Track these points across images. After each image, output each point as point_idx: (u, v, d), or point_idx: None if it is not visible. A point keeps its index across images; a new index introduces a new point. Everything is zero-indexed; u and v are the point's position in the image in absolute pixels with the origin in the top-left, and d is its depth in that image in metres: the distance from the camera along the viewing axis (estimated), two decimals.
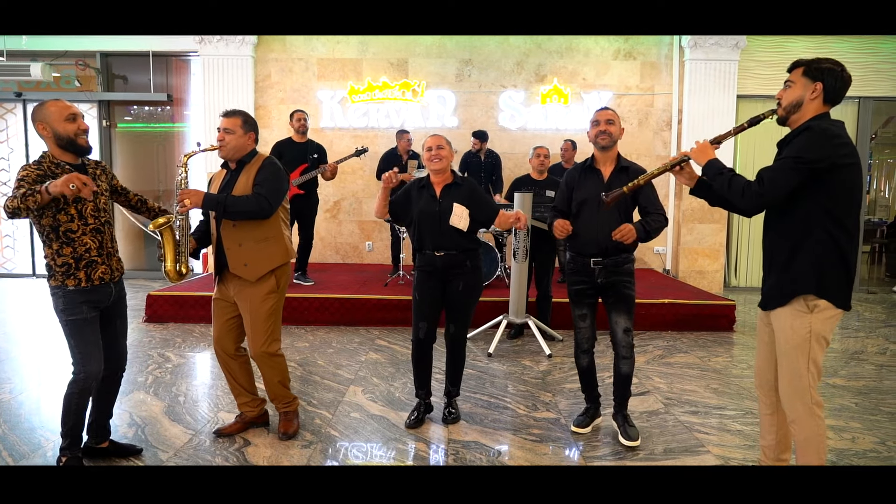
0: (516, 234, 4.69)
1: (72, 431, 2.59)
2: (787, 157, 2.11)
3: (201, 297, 5.48)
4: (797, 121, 2.21)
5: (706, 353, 4.76)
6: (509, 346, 4.80)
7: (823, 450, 2.22)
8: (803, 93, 2.17)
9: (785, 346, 2.22)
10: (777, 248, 2.24)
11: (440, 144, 3.07)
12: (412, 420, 3.23)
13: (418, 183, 3.19)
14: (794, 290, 2.18)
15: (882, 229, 9.27)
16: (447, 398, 3.34)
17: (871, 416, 3.47)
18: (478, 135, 6.55)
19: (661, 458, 2.90)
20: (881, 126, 8.31)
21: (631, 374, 3.05)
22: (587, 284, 3.02)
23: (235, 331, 3.01)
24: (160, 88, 7.71)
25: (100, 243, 2.57)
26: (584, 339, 3.11)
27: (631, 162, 3.04)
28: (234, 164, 2.93)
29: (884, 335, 5.43)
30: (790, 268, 2.19)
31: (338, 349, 4.68)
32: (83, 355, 2.54)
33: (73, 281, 2.50)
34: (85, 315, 2.52)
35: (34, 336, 5.01)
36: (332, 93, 7.45)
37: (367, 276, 6.66)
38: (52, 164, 2.51)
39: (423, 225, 3.11)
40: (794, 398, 2.21)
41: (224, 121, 2.86)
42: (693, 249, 7.32)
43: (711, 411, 3.50)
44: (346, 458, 2.87)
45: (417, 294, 3.18)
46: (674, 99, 7.38)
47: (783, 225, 2.22)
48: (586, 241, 2.99)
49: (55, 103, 2.51)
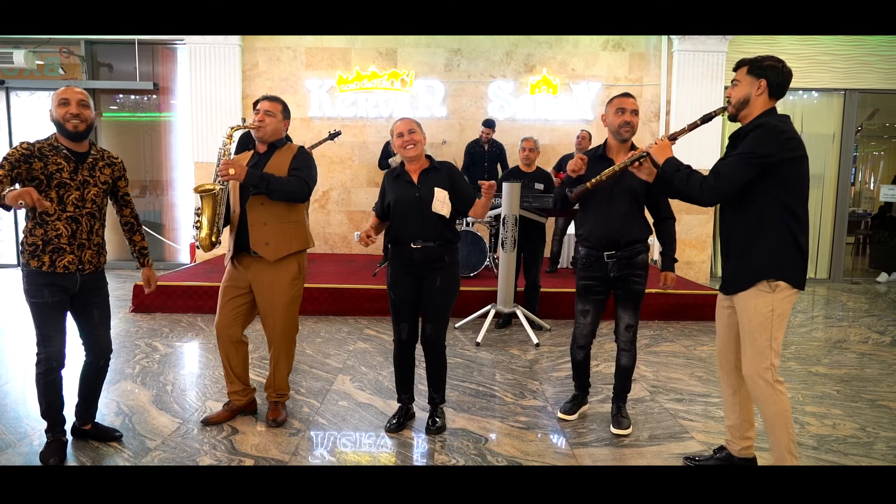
0: (504, 223, 4.70)
1: (48, 413, 2.63)
2: (741, 153, 2.25)
3: (188, 288, 5.46)
4: (747, 116, 2.35)
5: (692, 341, 4.81)
6: (497, 336, 4.83)
7: (790, 424, 2.34)
8: (749, 90, 2.31)
9: (749, 325, 2.34)
10: (736, 237, 2.38)
11: (412, 128, 2.85)
12: (392, 425, 3.04)
13: (391, 173, 2.99)
14: (756, 275, 2.32)
15: (866, 221, 9.38)
16: (431, 406, 3.10)
17: (853, 402, 3.52)
18: (488, 123, 6.57)
19: (646, 444, 2.94)
20: (867, 118, 8.39)
21: (631, 368, 3.05)
22: (597, 281, 2.97)
23: (244, 317, 3.04)
24: (146, 77, 7.63)
25: (73, 232, 2.54)
26: (582, 335, 3.08)
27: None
28: (265, 146, 2.95)
29: (866, 325, 5.51)
30: (750, 254, 2.33)
31: (326, 339, 4.69)
32: (42, 337, 2.56)
33: (37, 262, 2.50)
34: (46, 299, 2.52)
35: (19, 326, 4.97)
36: (320, 82, 7.41)
37: (356, 266, 6.66)
38: (51, 146, 2.50)
39: (401, 214, 2.88)
40: (756, 377, 2.34)
41: (267, 104, 2.92)
42: (680, 240, 7.36)
43: (696, 399, 3.55)
44: (335, 447, 2.88)
45: (393, 294, 2.97)
46: (662, 90, 7.40)
47: (740, 215, 2.35)
48: (597, 235, 2.91)
49: (63, 89, 2.52)
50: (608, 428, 3.08)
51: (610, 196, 2.88)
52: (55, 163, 2.49)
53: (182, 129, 7.72)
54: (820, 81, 7.41)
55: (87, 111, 2.53)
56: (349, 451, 2.83)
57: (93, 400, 2.81)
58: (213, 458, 2.71)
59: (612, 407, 3.13)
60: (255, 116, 2.91)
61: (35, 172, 2.44)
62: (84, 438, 2.82)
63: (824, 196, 7.73)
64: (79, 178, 2.54)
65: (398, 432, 3.03)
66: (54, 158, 2.49)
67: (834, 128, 7.66)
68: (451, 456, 2.78)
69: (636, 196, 2.89)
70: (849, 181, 7.74)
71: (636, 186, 2.86)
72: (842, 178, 7.68)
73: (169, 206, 7.99)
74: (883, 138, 9.75)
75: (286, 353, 3.08)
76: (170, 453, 2.75)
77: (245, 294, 2.99)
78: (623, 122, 2.86)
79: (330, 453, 2.80)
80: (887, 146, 9.85)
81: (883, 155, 9.96)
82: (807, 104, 7.71)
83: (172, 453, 2.75)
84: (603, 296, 3.02)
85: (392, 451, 2.85)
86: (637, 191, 2.88)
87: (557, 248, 6.63)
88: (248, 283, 2.97)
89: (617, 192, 2.88)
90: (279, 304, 2.96)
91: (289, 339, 3.07)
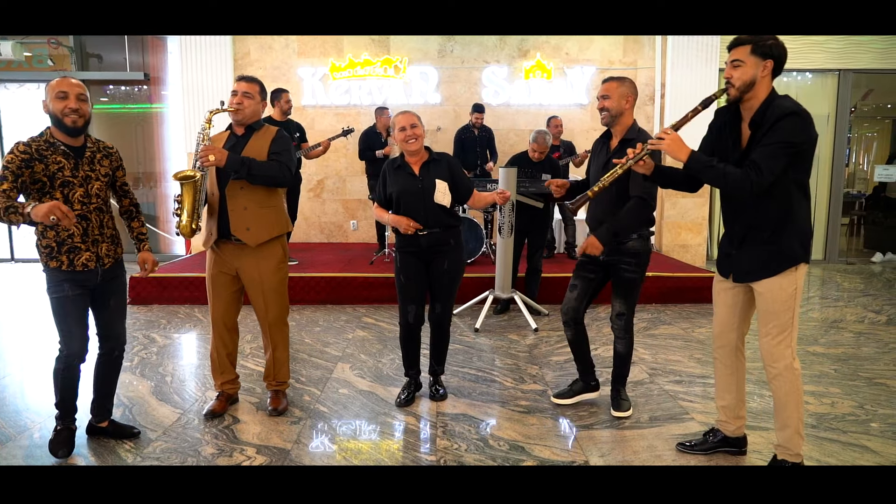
0: (501, 209, 4.69)
1: (62, 404, 2.63)
2: (777, 143, 2.14)
3: (185, 279, 5.43)
4: (751, 98, 2.25)
5: (689, 324, 4.82)
6: (495, 322, 4.83)
7: (802, 404, 2.35)
8: (755, 71, 2.21)
9: (774, 305, 2.31)
10: (764, 224, 2.30)
11: (413, 123, 2.93)
12: (403, 399, 3.20)
13: (392, 164, 3.07)
14: (789, 261, 2.28)
15: (860, 202, 9.39)
16: (433, 377, 3.32)
17: (850, 381, 3.55)
18: (478, 108, 6.57)
19: (647, 425, 2.95)
20: (861, 99, 8.38)
21: (626, 355, 3.04)
22: (588, 257, 2.97)
23: (236, 304, 3.06)
24: (136, 67, 7.55)
25: (84, 230, 2.50)
26: (565, 309, 3.06)
27: (640, 132, 2.86)
28: (243, 129, 2.92)
29: (862, 304, 5.53)
30: (780, 240, 2.28)
31: (324, 327, 4.68)
32: (64, 332, 2.54)
33: (56, 263, 2.47)
34: (67, 293, 2.49)
35: (14, 320, 4.95)
36: (313, 70, 7.35)
37: (352, 254, 6.64)
38: (47, 143, 2.44)
39: (405, 205, 3.00)
40: (778, 355, 2.33)
41: (244, 84, 2.86)
42: (676, 224, 7.38)
43: (695, 380, 3.56)
44: (337, 434, 2.88)
45: (402, 277, 3.09)
46: (657, 73, 7.37)
47: (769, 202, 2.26)
48: (592, 218, 2.96)
49: (57, 80, 2.44)
50: (609, 411, 3.09)
51: (596, 180, 2.85)
52: (55, 162, 2.42)
53: (174, 120, 7.65)
54: (814, 62, 7.39)
55: (85, 105, 2.46)
56: (351, 439, 2.84)
57: (109, 394, 2.78)
58: (216, 447, 2.71)
59: (612, 390, 3.14)
60: (233, 99, 2.85)
61: (38, 175, 2.39)
62: (100, 436, 2.78)
63: (819, 177, 7.73)
64: (81, 175, 2.49)
65: (408, 406, 3.18)
66: (54, 157, 2.42)
67: (828, 108, 7.65)
68: (453, 441, 2.78)
69: (621, 183, 2.80)
70: (843, 162, 7.74)
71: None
72: (836, 160, 7.69)
73: (163, 197, 7.94)
74: (876, 119, 9.75)
75: (283, 339, 3.09)
76: (172, 443, 2.74)
77: (234, 279, 2.98)
78: (598, 109, 2.89)
79: (332, 441, 2.81)
80: (881, 127, 9.86)
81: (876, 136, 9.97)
82: (801, 85, 7.70)
83: (174, 443, 2.74)
84: (593, 275, 3.00)
85: (395, 438, 2.85)
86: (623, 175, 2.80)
87: (551, 233, 6.63)
88: (235, 269, 2.96)
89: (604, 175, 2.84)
90: (269, 289, 2.97)
91: (283, 323, 3.08)
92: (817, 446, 2.73)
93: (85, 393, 2.73)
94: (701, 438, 2.72)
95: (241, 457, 2.63)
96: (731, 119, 2.36)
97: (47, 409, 3.07)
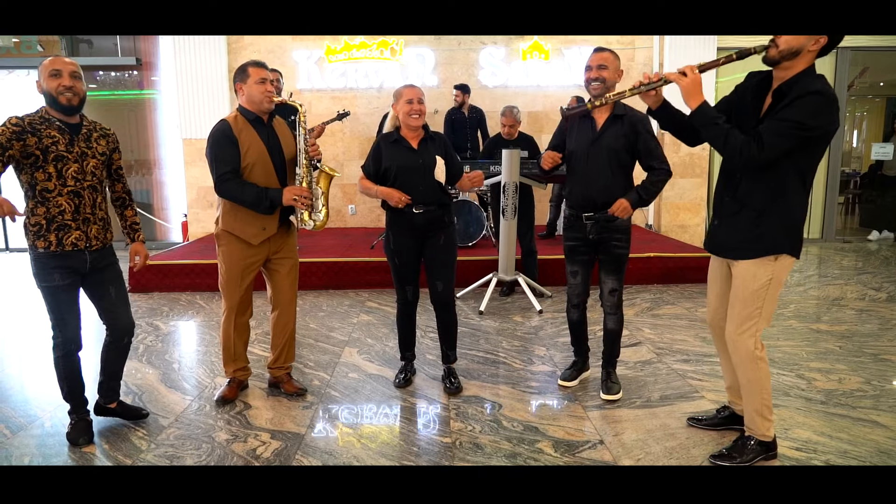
0: (504, 191, 4.67)
1: (70, 396, 2.62)
2: (789, 121, 2.04)
3: (185, 266, 5.40)
4: (787, 68, 2.12)
5: (692, 303, 4.84)
6: (499, 304, 4.83)
7: (766, 391, 2.33)
8: (806, 42, 2.06)
9: (743, 292, 2.27)
10: (752, 204, 2.22)
11: (420, 98, 2.90)
12: (401, 380, 3.22)
13: (387, 137, 3.00)
14: (768, 247, 2.22)
15: (855, 181, 9.44)
16: (446, 365, 3.24)
17: (855, 357, 3.57)
18: (461, 87, 6.49)
19: (658, 404, 2.97)
20: (856, 76, 8.38)
21: (618, 332, 3.03)
22: (580, 241, 2.95)
23: (251, 290, 3.06)
24: (128, 52, 7.44)
25: (76, 207, 2.45)
26: (574, 294, 3.08)
27: (628, 109, 2.81)
28: (267, 116, 2.91)
29: (862, 282, 5.57)
30: (765, 224, 2.21)
31: (328, 312, 4.67)
32: (57, 321, 2.51)
33: (43, 243, 2.41)
34: (57, 283, 2.45)
35: (10, 310, 4.90)
36: (308, 53, 7.26)
37: (352, 239, 6.61)
38: (42, 118, 2.39)
39: (403, 180, 2.94)
40: (739, 343, 2.31)
41: (269, 72, 2.89)
42: (675, 204, 7.39)
43: (702, 359, 3.58)
44: (350, 418, 2.87)
45: (397, 259, 3.06)
46: (654, 53, 7.34)
47: (761, 183, 2.19)
48: (577, 196, 2.90)
49: (50, 59, 2.40)
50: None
51: (587, 155, 2.82)
52: (49, 136, 2.37)
53: (167, 106, 7.55)
54: None
55: (79, 83, 2.42)
56: (365, 423, 2.83)
57: (116, 376, 2.77)
58: (229, 433, 2.70)
59: (602, 373, 3.11)
60: (266, 86, 2.80)
61: (30, 149, 2.34)
62: (108, 416, 2.77)
63: None
64: (76, 150, 2.44)
65: (406, 388, 3.20)
66: (48, 131, 2.37)
67: None
68: (467, 423, 2.79)
69: (616, 155, 2.79)
70: (841, 141, 7.76)
71: (615, 145, 2.77)
72: (834, 138, 7.69)
73: (158, 184, 7.87)
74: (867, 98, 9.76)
75: (295, 317, 3.16)
76: (185, 430, 2.73)
77: (257, 270, 3.00)
78: (588, 79, 2.77)
79: (347, 425, 2.80)
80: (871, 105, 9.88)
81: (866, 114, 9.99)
82: None
83: (188, 430, 2.73)
84: (587, 256, 2.99)
85: (408, 421, 2.85)
86: (616, 149, 2.78)
87: (555, 213, 6.61)
88: (267, 256, 2.96)
89: (594, 150, 2.81)
90: (295, 263, 3.08)
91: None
92: (828, 422, 2.75)
93: (90, 379, 2.72)
94: (712, 413, 2.75)
95: (256, 442, 2.62)
96: (760, 83, 2.24)
97: (53, 398, 3.05)
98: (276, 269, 3.01)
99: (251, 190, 2.75)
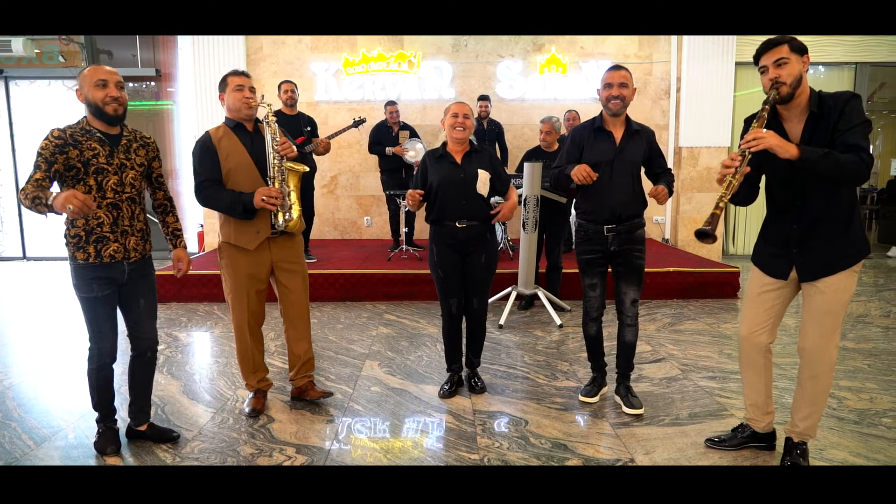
0: (526, 204, 4.64)
1: (100, 405, 2.61)
2: (861, 123, 2.14)
3: (203, 277, 5.40)
4: (801, 93, 2.24)
5: (714, 319, 4.78)
6: (518, 318, 4.79)
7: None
8: (799, 66, 2.22)
9: (835, 304, 2.28)
10: (829, 219, 2.25)
11: (466, 113, 3.01)
12: (447, 391, 3.23)
13: (433, 153, 3.11)
14: (857, 251, 2.27)
15: (872, 196, 9.36)
16: (470, 369, 3.34)
17: (885, 376, 3.51)
18: (485, 98, 6.52)
19: (687, 422, 2.92)
20: (877, 89, 8.33)
21: (634, 343, 3.03)
22: (598, 253, 2.95)
23: (264, 301, 3.02)
24: (147, 63, 7.50)
25: (114, 219, 2.45)
26: (594, 307, 3.07)
27: (640, 125, 2.95)
28: (252, 124, 2.91)
29: (885, 299, 5.49)
30: (848, 235, 2.25)
31: (347, 324, 4.64)
32: (94, 332, 2.51)
33: (83, 255, 2.42)
34: (96, 293, 2.45)
35: (28, 319, 4.90)
36: (326, 65, 7.29)
37: (368, 251, 6.59)
38: (83, 130, 2.40)
39: (445, 194, 3.02)
40: (825, 354, 2.33)
41: (246, 78, 2.85)
42: (692, 218, 7.34)
43: (729, 376, 3.52)
44: (374, 433, 2.84)
45: (441, 271, 3.11)
46: (672, 67, 7.32)
47: (836, 191, 2.22)
48: (599, 208, 2.90)
49: (92, 68, 2.41)
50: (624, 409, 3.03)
51: (612, 169, 2.86)
52: (90, 148, 2.38)
53: (185, 117, 7.60)
54: (832, 55, 7.33)
55: (124, 93, 2.45)
56: (391, 438, 2.80)
57: (146, 396, 2.73)
58: (254, 447, 2.67)
59: (620, 388, 3.09)
60: (245, 94, 2.78)
61: (72, 161, 2.34)
62: (139, 440, 2.72)
63: None
64: (115, 162, 2.44)
65: (451, 398, 3.21)
66: (88, 143, 2.38)
67: None
68: (494, 439, 2.75)
69: (637, 167, 2.91)
70: None
71: (636, 157, 2.89)
72: None
73: (174, 195, 7.89)
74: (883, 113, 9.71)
75: (308, 333, 3.12)
76: (209, 443, 2.70)
77: (265, 280, 2.96)
78: (609, 96, 2.84)
79: (371, 440, 2.77)
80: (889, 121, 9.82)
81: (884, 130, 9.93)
82: (816, 78, 7.64)
83: (212, 443, 2.70)
84: (604, 268, 3.02)
85: (435, 436, 2.81)
86: (637, 161, 2.90)
87: (569, 227, 6.57)
88: (271, 265, 2.93)
89: (618, 164, 2.86)
90: (304, 276, 3.04)
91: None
92: (863, 443, 2.69)
93: (120, 396, 2.70)
94: (730, 434, 2.70)
95: (282, 456, 2.59)
96: (769, 124, 2.28)
97: (77, 408, 3.05)
98: (284, 282, 2.98)
99: (226, 196, 2.75)
